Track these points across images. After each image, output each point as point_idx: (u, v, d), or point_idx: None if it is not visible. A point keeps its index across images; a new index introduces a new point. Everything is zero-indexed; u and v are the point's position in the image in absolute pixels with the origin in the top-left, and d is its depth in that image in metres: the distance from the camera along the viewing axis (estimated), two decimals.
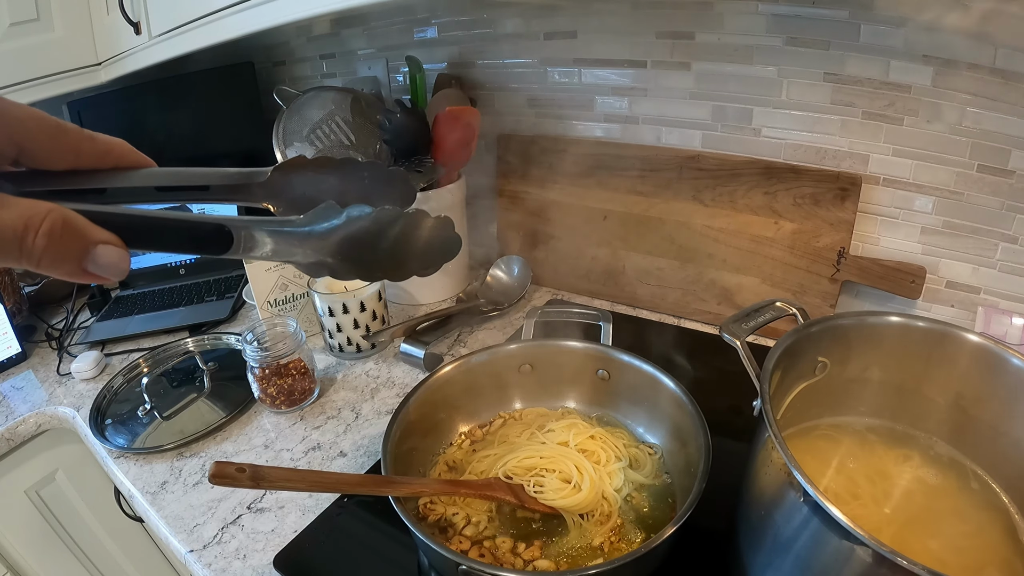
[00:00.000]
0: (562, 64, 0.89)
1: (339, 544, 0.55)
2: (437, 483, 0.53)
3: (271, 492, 0.61)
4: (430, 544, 0.43)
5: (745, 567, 0.43)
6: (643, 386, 0.59)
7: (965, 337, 0.45)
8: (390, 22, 1.04)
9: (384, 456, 0.50)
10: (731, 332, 0.44)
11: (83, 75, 1.09)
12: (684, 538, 0.44)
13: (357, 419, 0.72)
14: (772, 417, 0.38)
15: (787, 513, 0.37)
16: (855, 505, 0.44)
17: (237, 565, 0.54)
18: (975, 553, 0.42)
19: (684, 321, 0.86)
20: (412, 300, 0.97)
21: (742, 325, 0.45)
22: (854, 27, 0.66)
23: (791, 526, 0.37)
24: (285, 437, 0.70)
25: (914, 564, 0.29)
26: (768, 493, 0.40)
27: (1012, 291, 0.67)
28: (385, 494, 0.47)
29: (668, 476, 0.55)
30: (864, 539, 0.30)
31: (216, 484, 0.42)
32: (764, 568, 0.41)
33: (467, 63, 0.98)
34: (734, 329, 0.45)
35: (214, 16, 0.79)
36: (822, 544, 0.35)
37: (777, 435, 0.36)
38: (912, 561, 0.29)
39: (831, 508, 0.32)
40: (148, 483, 0.65)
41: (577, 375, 0.64)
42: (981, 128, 0.63)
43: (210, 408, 0.77)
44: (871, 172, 0.71)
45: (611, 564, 0.41)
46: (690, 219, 0.83)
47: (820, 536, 0.34)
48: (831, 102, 0.70)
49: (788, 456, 0.35)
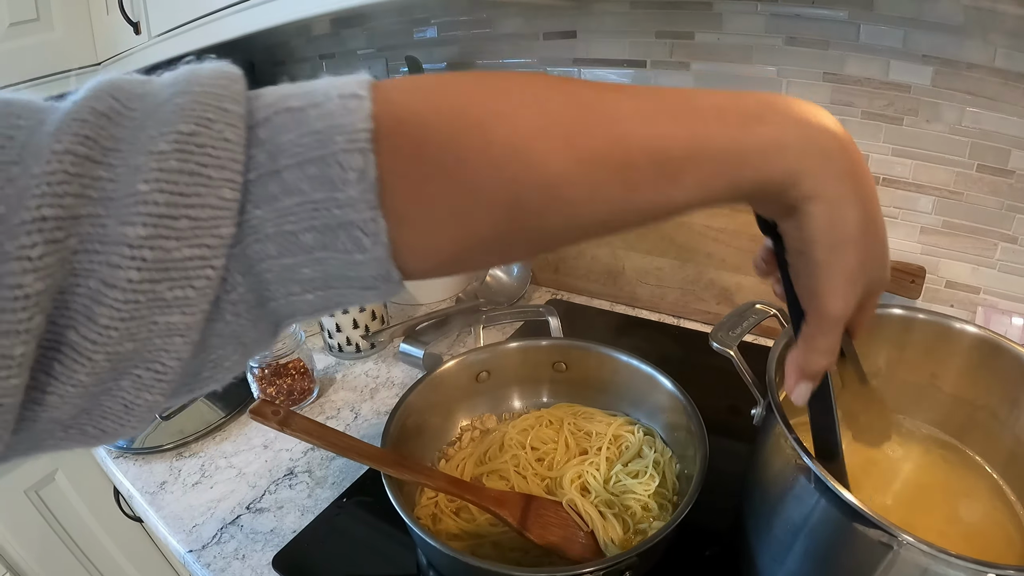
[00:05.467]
0: (561, 64, 0.89)
1: (338, 544, 0.55)
2: (447, 478, 0.52)
3: (270, 492, 0.61)
4: (427, 539, 0.43)
5: (753, 555, 0.43)
6: (640, 385, 0.59)
7: (950, 325, 0.47)
8: (390, 22, 1.04)
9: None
10: (721, 342, 0.45)
11: (83, 75, 1.09)
12: (682, 537, 0.44)
13: (356, 419, 0.72)
14: (781, 408, 0.38)
15: (798, 499, 0.38)
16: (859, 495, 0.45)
17: (236, 565, 0.54)
18: (979, 538, 0.42)
19: (683, 321, 0.86)
20: (411, 300, 0.97)
21: (730, 333, 0.46)
22: (853, 27, 0.66)
23: (800, 512, 0.37)
24: (284, 437, 0.70)
25: (921, 542, 0.30)
26: (778, 482, 0.41)
27: (1012, 291, 0.67)
28: (395, 474, 0.47)
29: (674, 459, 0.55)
30: (876, 520, 0.31)
31: (252, 418, 0.49)
32: (773, 556, 0.41)
33: (467, 63, 0.98)
34: (724, 339, 0.45)
35: (214, 16, 0.80)
36: (833, 529, 0.35)
37: (787, 424, 0.37)
38: (919, 539, 0.30)
39: (845, 493, 0.32)
40: (147, 483, 0.65)
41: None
42: (981, 128, 0.63)
43: (209, 408, 0.77)
44: (872, 172, 0.71)
45: (606, 564, 0.41)
46: (689, 219, 0.83)
47: (830, 521, 0.35)
48: (830, 102, 0.70)
49: (799, 445, 0.35)
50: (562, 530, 0.49)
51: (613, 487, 0.53)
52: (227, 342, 0.23)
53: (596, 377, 0.62)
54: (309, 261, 0.21)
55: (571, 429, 0.59)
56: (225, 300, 0.21)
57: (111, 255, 0.19)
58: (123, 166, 0.19)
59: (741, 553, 0.46)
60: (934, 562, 0.30)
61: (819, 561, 0.38)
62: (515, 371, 0.64)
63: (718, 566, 0.49)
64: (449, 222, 0.22)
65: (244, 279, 0.21)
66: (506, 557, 0.49)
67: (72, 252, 0.19)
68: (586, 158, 0.22)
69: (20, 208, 0.18)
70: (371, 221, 0.20)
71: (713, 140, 0.23)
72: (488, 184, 0.21)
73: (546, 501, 0.51)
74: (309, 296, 0.23)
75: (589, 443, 0.58)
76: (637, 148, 0.22)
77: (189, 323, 0.20)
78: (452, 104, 0.22)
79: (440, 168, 0.21)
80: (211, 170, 0.19)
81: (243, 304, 0.22)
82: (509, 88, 0.22)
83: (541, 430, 0.60)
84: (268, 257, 0.21)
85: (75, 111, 0.19)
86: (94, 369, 0.20)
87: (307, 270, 0.22)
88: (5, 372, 0.18)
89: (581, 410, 0.62)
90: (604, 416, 0.61)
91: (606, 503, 0.51)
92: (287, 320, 0.24)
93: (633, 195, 0.23)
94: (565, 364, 0.63)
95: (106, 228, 0.19)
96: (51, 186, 0.18)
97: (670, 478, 0.53)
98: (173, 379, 0.22)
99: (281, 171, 0.20)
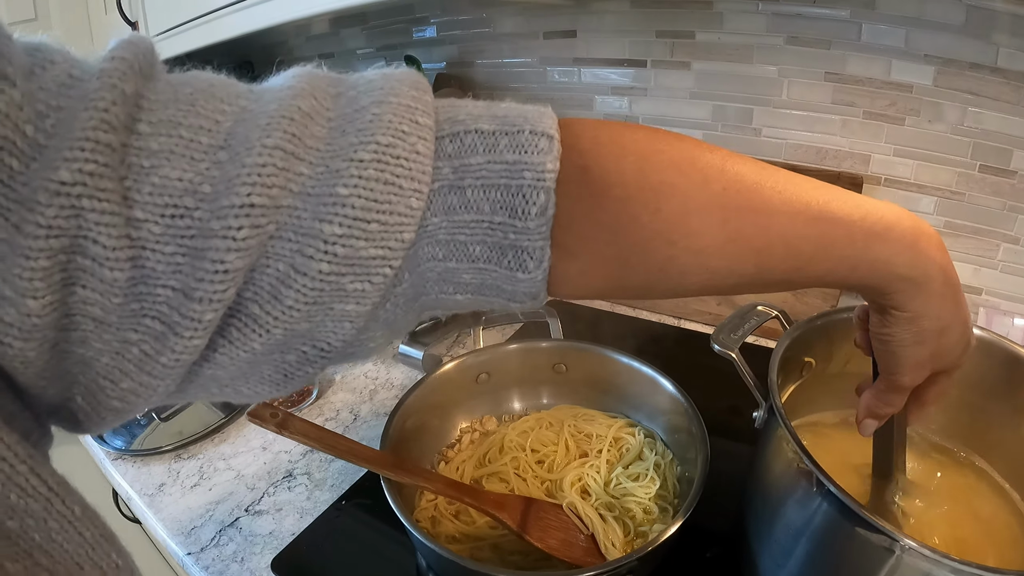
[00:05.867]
0: (562, 63, 0.89)
1: (337, 547, 0.54)
2: (447, 481, 0.52)
3: (269, 495, 0.61)
4: (426, 542, 0.42)
5: (755, 558, 0.43)
6: (641, 387, 0.58)
7: None
8: (389, 21, 1.03)
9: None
10: (723, 344, 0.44)
11: None
12: (684, 540, 0.44)
13: (356, 421, 0.72)
14: (783, 414, 0.38)
15: (799, 503, 0.37)
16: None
17: (235, 568, 0.53)
18: (980, 538, 0.42)
19: (684, 322, 0.85)
20: None
21: (731, 335, 0.45)
22: (855, 26, 0.65)
23: (802, 516, 0.37)
24: (283, 439, 0.69)
25: (923, 546, 0.29)
26: (780, 485, 0.40)
27: (1013, 292, 0.67)
28: (394, 477, 0.47)
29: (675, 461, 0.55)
30: (877, 524, 0.31)
31: (250, 420, 0.47)
32: (775, 559, 0.41)
33: (466, 62, 0.98)
34: (725, 341, 0.45)
35: (212, 15, 0.79)
36: (834, 533, 0.35)
37: (790, 428, 0.37)
38: (921, 543, 0.30)
39: (846, 497, 0.32)
40: (146, 485, 0.65)
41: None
42: (983, 128, 0.62)
43: (208, 409, 0.76)
44: (872, 172, 0.71)
45: (607, 567, 0.41)
46: None
47: (832, 525, 0.35)
48: (832, 102, 0.70)
49: (802, 449, 0.35)
50: (562, 533, 0.49)
51: (614, 490, 0.53)
52: (381, 327, 0.25)
53: (596, 379, 0.62)
54: (472, 269, 0.24)
55: (571, 431, 0.59)
56: (391, 293, 0.24)
57: (305, 246, 0.21)
58: (323, 166, 0.21)
59: (742, 556, 0.45)
60: (936, 567, 0.30)
61: (820, 565, 0.37)
62: (515, 373, 0.64)
63: (719, 568, 0.49)
64: (608, 266, 0.25)
65: (410, 276, 0.24)
66: (506, 560, 0.49)
67: (268, 237, 0.21)
68: (734, 238, 0.25)
69: (230, 193, 0.20)
70: (540, 249, 0.23)
71: (838, 248, 0.27)
72: (651, 244, 0.24)
73: (546, 504, 0.51)
74: (459, 296, 0.25)
75: (589, 445, 0.58)
76: (778, 239, 0.25)
77: (360, 312, 0.23)
78: (633, 168, 0.24)
79: (612, 221, 0.24)
80: (403, 180, 0.22)
81: (403, 297, 0.25)
82: (681, 161, 0.25)
83: (541, 432, 0.59)
84: (434, 259, 0.24)
85: (284, 109, 0.21)
86: (269, 340, 0.22)
87: (467, 276, 0.24)
88: (191, 333, 0.20)
89: (581, 412, 0.62)
90: (605, 418, 0.61)
91: (607, 506, 0.51)
92: (430, 312, 0.27)
93: (763, 273, 0.26)
94: (565, 366, 0.63)
95: (302, 221, 0.21)
96: (262, 177, 0.20)
97: (671, 481, 0.53)
98: (334, 357, 0.25)
99: (465, 188, 0.23)
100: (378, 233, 0.21)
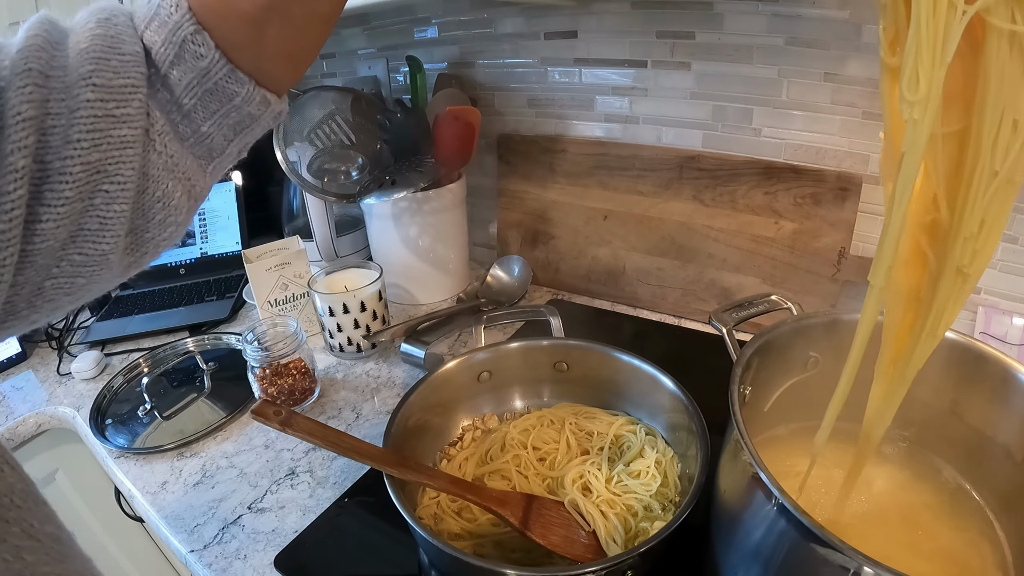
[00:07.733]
0: (562, 64, 0.89)
1: (340, 544, 0.55)
2: (449, 478, 0.52)
3: (271, 492, 0.61)
4: (429, 539, 0.43)
5: (718, 566, 0.43)
6: (642, 385, 0.59)
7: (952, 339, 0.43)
8: (390, 22, 1.04)
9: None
10: (719, 319, 0.44)
11: None
12: (684, 537, 0.44)
13: (358, 419, 0.72)
14: (739, 411, 0.36)
15: (756, 515, 0.36)
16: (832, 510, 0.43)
17: (238, 565, 0.54)
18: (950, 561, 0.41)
19: (684, 321, 0.86)
20: (412, 300, 0.97)
21: (732, 314, 0.45)
22: (855, 27, 0.66)
23: (759, 530, 0.36)
24: (285, 437, 0.70)
25: (879, 566, 0.28)
26: (736, 493, 0.39)
27: (1013, 291, 0.67)
28: (396, 474, 0.47)
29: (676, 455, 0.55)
30: (832, 541, 0.29)
31: (253, 418, 0.49)
32: (735, 569, 0.40)
33: (467, 63, 0.98)
34: (722, 317, 0.45)
35: None
36: (793, 548, 0.34)
37: (743, 431, 0.35)
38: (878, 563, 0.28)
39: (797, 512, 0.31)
40: (148, 483, 0.65)
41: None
42: None
43: (210, 408, 0.77)
44: (872, 172, 0.71)
45: (608, 563, 0.41)
46: (690, 219, 0.83)
47: (789, 540, 0.33)
48: (831, 102, 0.70)
49: (754, 456, 0.33)
50: (564, 530, 0.49)
51: (615, 487, 0.53)
52: (164, 175, 0.31)
53: (597, 377, 0.62)
54: (201, 108, 0.31)
55: (573, 429, 0.59)
56: (152, 131, 0.30)
57: (73, 88, 0.27)
58: (72, 49, 0.28)
59: (705, 560, 0.45)
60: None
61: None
62: (516, 371, 0.64)
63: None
64: (266, 40, 0.31)
65: (160, 115, 0.30)
66: (508, 557, 0.49)
67: (45, 100, 0.26)
68: None
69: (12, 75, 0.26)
70: (231, 71, 0.30)
71: None
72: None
73: (548, 501, 0.51)
74: (214, 134, 0.32)
75: (591, 443, 0.58)
76: None
77: (136, 135, 0.29)
78: None
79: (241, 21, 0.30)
80: (124, 37, 0.29)
81: (166, 136, 0.30)
82: None
83: (543, 430, 0.60)
84: (171, 103, 0.30)
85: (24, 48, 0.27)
86: (75, 182, 0.27)
87: (200, 111, 0.31)
88: (13, 185, 0.25)
89: (583, 410, 0.63)
90: (606, 416, 0.61)
91: (608, 503, 0.51)
92: (215, 161, 0.34)
93: None
94: (566, 364, 0.63)
95: (67, 76, 0.27)
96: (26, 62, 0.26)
97: (672, 478, 0.53)
98: (131, 193, 0.29)
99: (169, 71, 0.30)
100: (120, 66, 0.28)
